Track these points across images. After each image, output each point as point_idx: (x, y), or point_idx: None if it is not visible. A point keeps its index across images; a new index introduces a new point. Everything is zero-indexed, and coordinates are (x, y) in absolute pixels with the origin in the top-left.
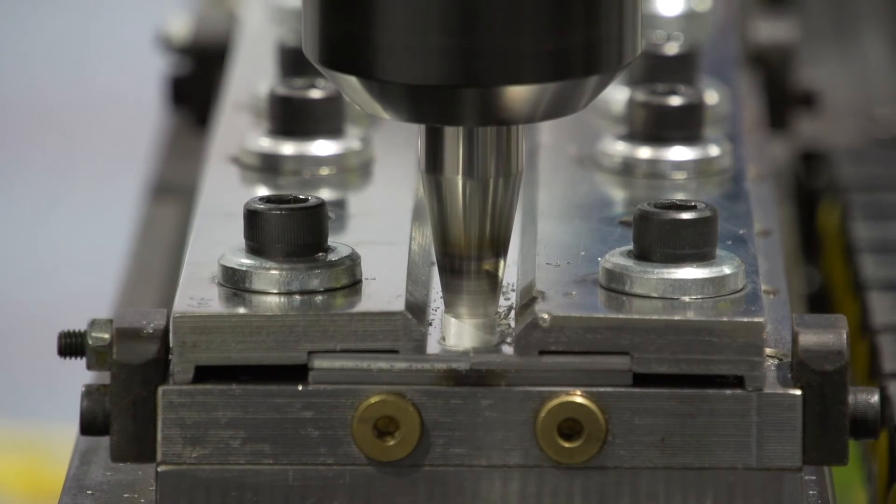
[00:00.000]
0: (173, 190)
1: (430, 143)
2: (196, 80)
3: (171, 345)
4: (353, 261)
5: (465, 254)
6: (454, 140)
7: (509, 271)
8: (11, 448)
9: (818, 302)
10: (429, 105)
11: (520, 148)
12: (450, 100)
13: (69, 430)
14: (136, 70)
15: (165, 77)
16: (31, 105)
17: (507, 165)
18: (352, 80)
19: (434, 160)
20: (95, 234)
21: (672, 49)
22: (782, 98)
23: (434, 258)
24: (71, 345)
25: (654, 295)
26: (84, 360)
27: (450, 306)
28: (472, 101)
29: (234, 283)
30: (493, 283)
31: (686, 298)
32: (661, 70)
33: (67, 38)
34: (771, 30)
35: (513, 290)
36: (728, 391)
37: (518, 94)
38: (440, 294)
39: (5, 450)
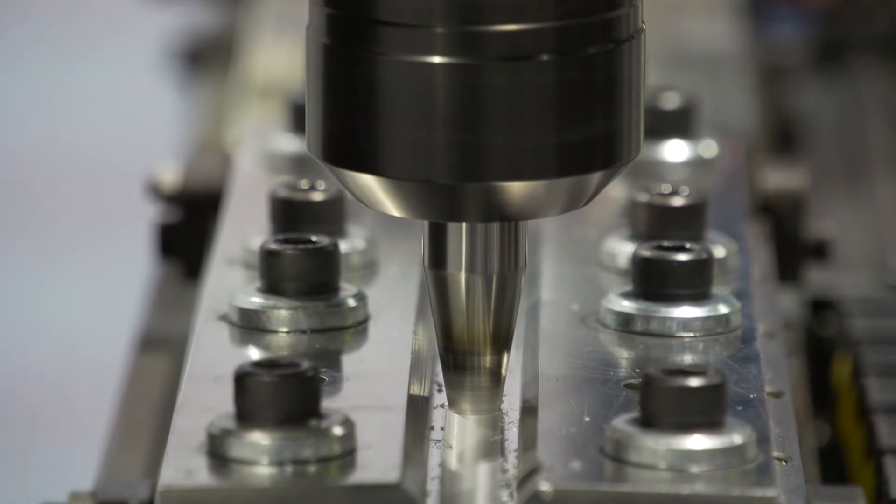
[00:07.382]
0: (162, 343)
1: (433, 238)
2: (186, 228)
3: None
4: (347, 429)
5: (468, 349)
6: (457, 235)
7: (511, 436)
8: None
9: (830, 458)
10: (432, 201)
11: (523, 243)
12: (453, 196)
13: None
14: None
15: (155, 225)
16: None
17: (510, 261)
18: (355, 177)
19: (437, 255)
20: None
21: (678, 201)
22: (792, 249)
23: (431, 422)
24: None
25: (662, 466)
26: None
27: (453, 403)
28: (474, 197)
29: (223, 452)
30: (496, 379)
31: (695, 469)
32: (667, 223)
33: None
34: (779, 178)
35: (514, 453)
36: None
37: (520, 191)
38: (439, 463)
39: None
